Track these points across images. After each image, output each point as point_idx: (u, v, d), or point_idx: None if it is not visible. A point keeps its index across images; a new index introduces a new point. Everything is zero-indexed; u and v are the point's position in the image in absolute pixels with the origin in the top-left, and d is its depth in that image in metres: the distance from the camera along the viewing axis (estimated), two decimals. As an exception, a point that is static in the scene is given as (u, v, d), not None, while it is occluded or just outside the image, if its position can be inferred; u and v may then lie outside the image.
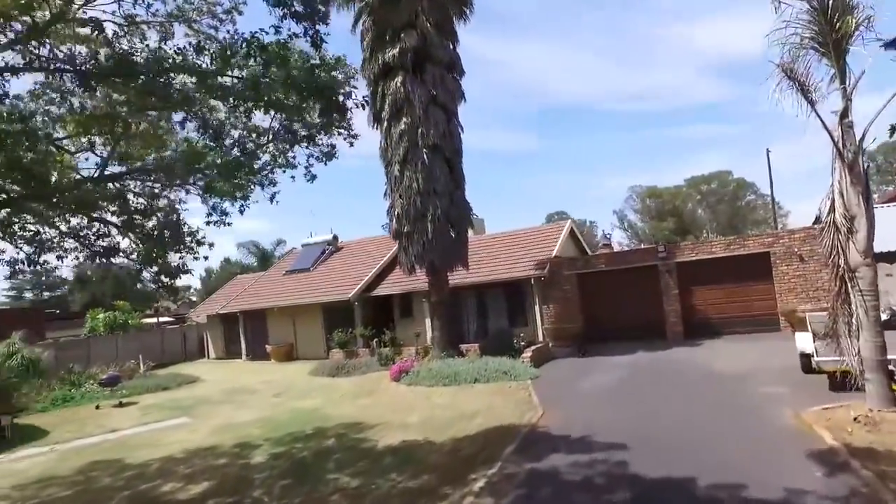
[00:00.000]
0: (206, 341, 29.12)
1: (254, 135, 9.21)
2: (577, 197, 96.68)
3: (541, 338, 19.39)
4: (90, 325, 27.18)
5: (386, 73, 16.93)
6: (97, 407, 16.07)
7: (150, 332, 28.85)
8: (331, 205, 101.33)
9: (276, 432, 11.14)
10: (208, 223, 9.09)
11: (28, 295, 62.25)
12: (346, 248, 27.80)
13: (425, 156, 16.42)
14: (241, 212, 9.14)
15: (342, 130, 9.02)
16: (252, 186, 9.12)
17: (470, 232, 25.67)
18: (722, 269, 17.42)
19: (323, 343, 23.34)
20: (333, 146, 9.46)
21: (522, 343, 16.54)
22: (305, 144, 9.21)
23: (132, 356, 25.28)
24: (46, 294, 61.85)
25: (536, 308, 19.62)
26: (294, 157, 9.35)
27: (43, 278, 58.85)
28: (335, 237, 28.35)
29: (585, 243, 27.93)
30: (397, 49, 16.45)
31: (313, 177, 9.44)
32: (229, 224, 9.30)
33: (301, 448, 9.84)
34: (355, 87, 8.74)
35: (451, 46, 17.65)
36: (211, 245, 9.74)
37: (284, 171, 9.20)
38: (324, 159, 9.49)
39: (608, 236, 31.49)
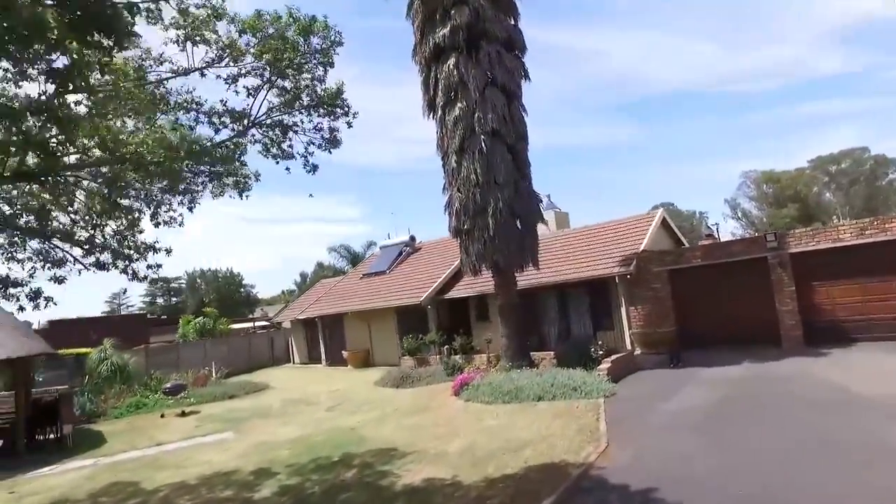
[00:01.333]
0: (290, 346, 29.01)
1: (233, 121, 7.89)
2: (684, 187, 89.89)
3: (628, 344, 16.80)
4: (181, 330, 28.07)
5: (437, 56, 15.23)
6: (162, 415, 15.77)
7: (238, 337, 29.27)
8: (421, 205, 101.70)
9: (302, 457, 9.78)
10: (156, 224, 7.91)
11: (160, 301, 67.43)
12: (423, 249, 26.45)
13: (483, 143, 14.52)
14: (191, 209, 7.87)
15: (337, 109, 7.48)
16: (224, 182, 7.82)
17: (546, 227, 23.65)
18: (855, 259, 13.88)
19: (397, 349, 22.10)
20: (335, 131, 7.98)
21: (601, 352, 14.11)
22: (304, 117, 7.80)
23: (218, 361, 25.58)
24: (174, 299, 66.70)
25: (622, 310, 17.05)
26: (290, 146, 7.97)
27: (172, 284, 63.53)
28: (412, 238, 27.10)
29: (688, 237, 24.67)
30: (448, 28, 14.70)
31: (314, 167, 8.02)
32: (181, 225, 8.09)
33: (316, 481, 8.34)
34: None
35: (511, 21, 15.61)
36: (168, 251, 8.56)
37: (278, 162, 7.84)
38: (327, 146, 8.01)
39: (711, 227, 27.58)
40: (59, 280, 9.01)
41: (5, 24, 4.71)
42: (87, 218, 8.74)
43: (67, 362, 19.73)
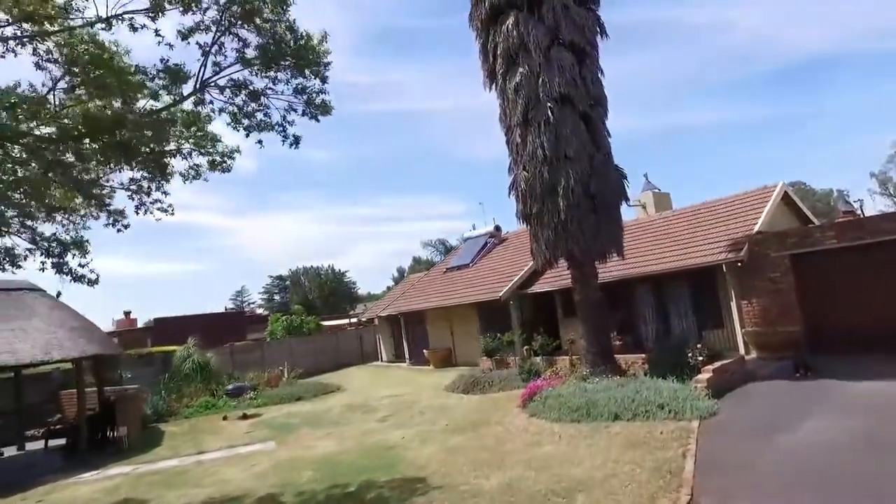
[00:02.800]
0: (378, 344, 28.10)
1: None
2: (819, 165, 79.50)
3: (740, 346, 13.68)
4: (270, 328, 28.14)
5: (495, 17, 13.08)
6: (224, 418, 15.13)
7: (325, 335, 28.84)
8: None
9: (322, 482, 8.22)
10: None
11: (277, 297, 70.62)
12: (509, 240, 24.28)
13: (549, 111, 12.20)
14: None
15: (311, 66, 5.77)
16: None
17: (643, 211, 20.59)
18: None
19: (478, 349, 20.21)
20: (322, 94, 6.29)
21: (700, 357, 11.25)
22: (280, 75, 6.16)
23: (304, 360, 25.18)
24: (287, 297, 69.46)
25: (732, 304, 13.92)
26: (267, 115, 6.38)
27: (286, 282, 66.13)
28: (497, 228, 24.96)
29: (823, 218, 20.46)
30: (504, -19, 12.55)
31: (296, 140, 6.38)
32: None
33: (314, 521, 6.75)
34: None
35: (578, -33, 13.09)
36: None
37: (248, 135, 6.28)
38: (312, 113, 6.34)
39: (852, 202, 22.47)
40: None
41: None
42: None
43: (156, 360, 20.01)
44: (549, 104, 12.23)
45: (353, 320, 35.11)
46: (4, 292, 13.14)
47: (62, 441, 13.40)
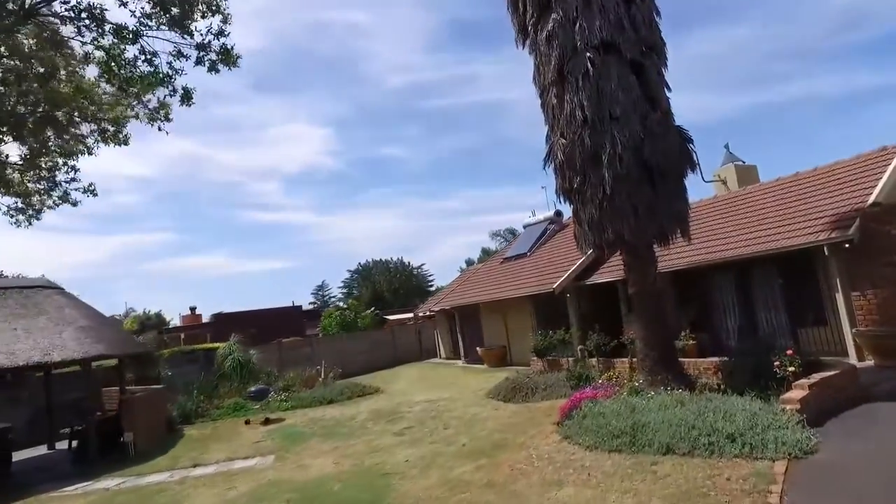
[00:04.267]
0: (436, 340, 26.38)
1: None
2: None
3: (850, 350, 10.67)
4: (323, 323, 27.15)
5: (523, -45, 10.84)
6: (247, 422, 13.91)
7: (381, 331, 27.42)
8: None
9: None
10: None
11: (356, 291, 70.86)
12: (571, 226, 21.70)
13: (589, 62, 9.80)
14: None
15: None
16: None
17: (724, 186, 17.47)
18: None
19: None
20: (222, 36, 4.53)
21: (791, 367, 8.46)
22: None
23: (358, 357, 23.98)
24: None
25: (838, 297, 10.89)
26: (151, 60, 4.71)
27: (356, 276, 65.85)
28: (558, 213, 22.31)
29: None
30: None
31: (186, 95, 4.70)
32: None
33: None
34: None
35: None
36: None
37: (126, 89, 4.63)
38: (212, 61, 4.63)
39: None
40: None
41: None
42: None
43: (200, 357, 19.42)
44: (588, 54, 9.82)
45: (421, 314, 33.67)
46: (18, 290, 12.62)
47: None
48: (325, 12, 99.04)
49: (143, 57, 5.51)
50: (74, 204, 7.09)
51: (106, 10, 5.41)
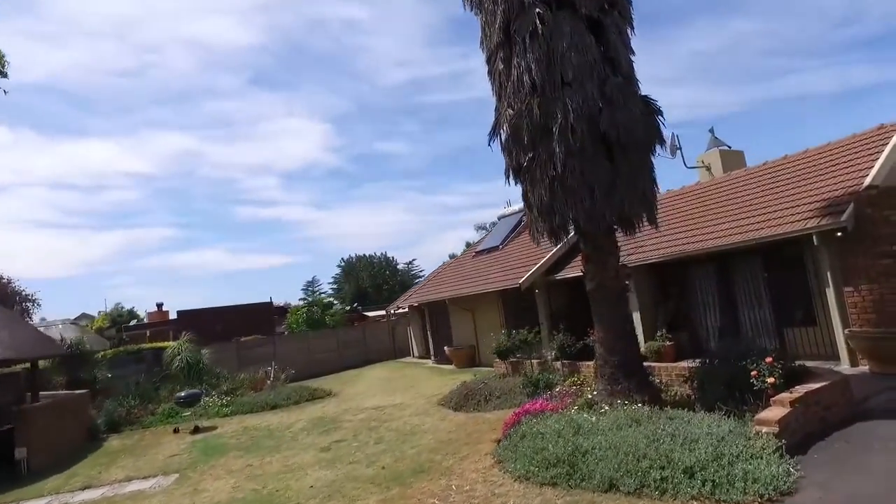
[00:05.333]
0: (410, 338, 24.88)
1: None
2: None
3: (842, 355, 9.20)
4: (289, 321, 25.60)
5: None
6: (175, 430, 12.44)
7: (352, 328, 25.85)
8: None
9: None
10: None
11: (346, 287, 69.30)
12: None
13: (538, 18, 8.28)
14: None
15: None
16: None
17: (702, 174, 16.03)
18: None
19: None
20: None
21: (770, 379, 6.94)
22: None
23: (325, 356, 22.51)
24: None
25: (829, 292, 9.41)
26: None
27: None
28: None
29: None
30: None
31: None
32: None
33: None
34: None
35: None
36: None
37: None
38: None
39: None
40: None
41: None
42: None
43: (147, 357, 17.94)
44: (537, 9, 8.28)
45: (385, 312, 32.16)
46: None
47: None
48: (324, 7, 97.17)
49: None
50: None
51: None
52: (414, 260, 52.00)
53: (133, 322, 29.39)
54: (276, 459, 9.05)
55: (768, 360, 7.01)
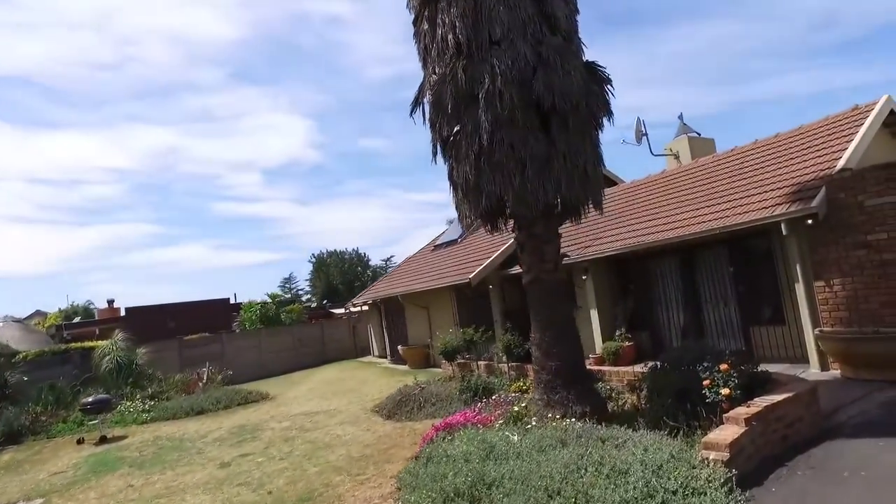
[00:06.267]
0: (369, 336, 23.50)
1: None
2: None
3: (812, 357, 8.09)
4: (242, 317, 24.02)
5: None
6: (80, 441, 11.02)
7: (309, 326, 24.34)
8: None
9: None
10: None
11: (317, 283, 67.43)
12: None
13: (463, -33, 7.04)
14: None
15: None
16: None
17: (669, 163, 14.96)
18: None
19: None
20: None
21: (725, 390, 5.73)
22: None
23: (280, 355, 21.09)
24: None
25: (798, 287, 8.29)
26: None
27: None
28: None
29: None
30: None
31: None
32: None
33: None
34: None
35: None
36: None
37: None
38: None
39: None
40: None
41: None
42: None
43: (75, 357, 16.41)
44: (463, -45, 7.05)
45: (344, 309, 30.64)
46: None
47: None
48: (307, 2, 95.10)
49: None
50: None
51: None
52: (392, 257, 50.50)
53: (77, 320, 27.71)
54: (164, 478, 7.72)
55: (723, 366, 5.81)
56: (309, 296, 51.60)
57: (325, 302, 30.59)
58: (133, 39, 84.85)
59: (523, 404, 7.15)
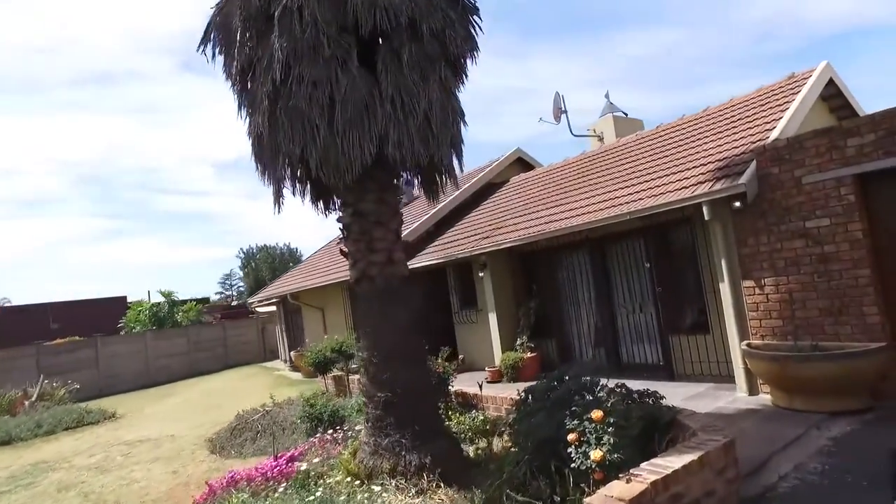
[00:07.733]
0: (277, 338, 20.90)
1: None
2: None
3: (739, 376, 6.20)
4: (128, 317, 20.91)
5: None
6: None
7: (208, 327, 21.49)
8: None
9: None
10: None
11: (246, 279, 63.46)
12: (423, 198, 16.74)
13: None
14: None
15: None
16: None
17: (592, 144, 13.16)
18: None
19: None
20: None
21: (595, 453, 3.65)
22: None
23: (171, 360, 18.32)
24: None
25: (723, 288, 6.37)
26: None
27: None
28: (407, 182, 17.25)
29: None
30: None
31: None
32: None
33: None
34: None
35: None
36: None
37: None
38: None
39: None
40: None
41: None
42: None
43: None
44: None
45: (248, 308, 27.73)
46: None
47: None
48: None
49: None
50: None
51: None
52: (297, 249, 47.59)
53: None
54: None
55: (596, 415, 3.74)
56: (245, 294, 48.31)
57: (249, 300, 27.71)
58: (72, 23, 78.80)
59: (367, 442, 4.96)
